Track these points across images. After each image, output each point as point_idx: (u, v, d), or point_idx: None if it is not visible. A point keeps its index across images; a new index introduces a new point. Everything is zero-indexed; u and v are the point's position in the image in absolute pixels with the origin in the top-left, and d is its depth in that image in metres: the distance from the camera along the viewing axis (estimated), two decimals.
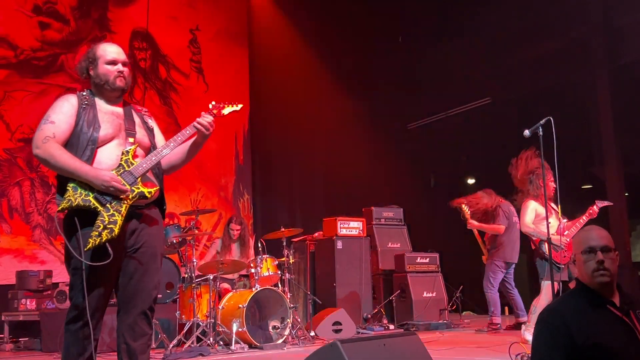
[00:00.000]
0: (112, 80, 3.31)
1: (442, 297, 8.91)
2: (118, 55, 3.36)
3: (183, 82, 11.08)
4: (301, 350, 6.36)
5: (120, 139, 3.29)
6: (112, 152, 3.24)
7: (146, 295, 3.26)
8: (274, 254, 7.36)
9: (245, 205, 11.58)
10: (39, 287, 7.83)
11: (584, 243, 2.65)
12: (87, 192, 3.12)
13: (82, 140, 3.18)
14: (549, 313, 2.61)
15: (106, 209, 3.11)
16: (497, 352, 5.39)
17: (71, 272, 3.15)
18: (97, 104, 3.32)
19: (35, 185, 8.93)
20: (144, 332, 3.26)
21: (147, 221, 3.30)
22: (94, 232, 3.06)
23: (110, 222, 3.09)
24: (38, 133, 3.15)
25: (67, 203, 3.11)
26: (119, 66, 3.33)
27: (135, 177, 3.21)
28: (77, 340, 3.12)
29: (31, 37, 9.24)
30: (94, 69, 3.33)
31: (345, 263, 8.42)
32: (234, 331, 6.38)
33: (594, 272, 2.59)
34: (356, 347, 2.87)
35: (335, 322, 7.32)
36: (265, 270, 6.99)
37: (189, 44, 11.33)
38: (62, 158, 3.11)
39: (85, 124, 3.21)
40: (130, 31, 10.41)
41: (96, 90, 3.37)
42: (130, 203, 3.18)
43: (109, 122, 3.28)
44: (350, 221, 8.69)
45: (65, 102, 3.26)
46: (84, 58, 3.39)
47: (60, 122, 3.18)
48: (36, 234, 8.88)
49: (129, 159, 3.24)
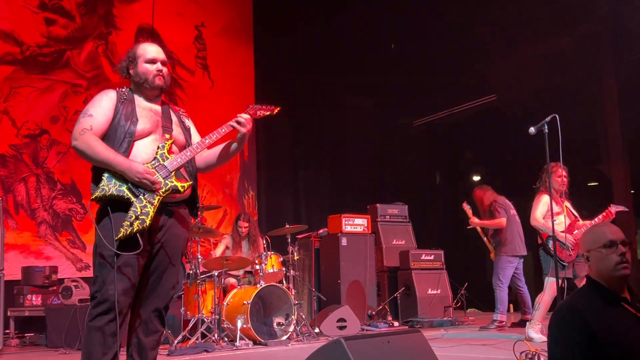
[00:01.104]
0: (151, 79, 3.37)
1: (447, 294, 8.91)
2: (157, 54, 3.43)
3: (188, 78, 11.08)
4: (305, 346, 6.36)
5: (157, 135, 3.33)
6: (148, 146, 3.28)
7: (164, 294, 3.29)
8: (279, 251, 7.37)
9: (250, 202, 11.58)
10: (44, 282, 7.86)
11: (602, 238, 2.63)
12: (121, 182, 3.15)
13: (119, 133, 3.22)
14: (567, 311, 2.58)
15: (139, 200, 3.14)
16: (502, 349, 5.38)
17: (98, 261, 3.13)
18: (136, 100, 3.37)
19: (40, 181, 8.94)
20: (157, 329, 3.29)
21: (177, 219, 3.32)
22: (125, 222, 3.08)
23: (143, 213, 3.12)
24: (77, 126, 3.19)
25: (101, 192, 3.13)
26: (158, 65, 3.39)
27: (170, 171, 3.24)
28: (102, 337, 3.06)
29: (37, 33, 9.25)
30: (134, 68, 3.39)
31: (349, 260, 8.42)
32: (238, 327, 6.39)
33: (617, 265, 2.56)
34: (360, 344, 2.87)
35: (339, 318, 7.32)
36: (269, 267, 7.01)
37: (194, 41, 11.32)
38: (97, 149, 3.13)
39: (123, 118, 3.25)
40: (135, 27, 10.41)
41: (136, 89, 3.42)
42: (163, 196, 3.20)
43: (146, 117, 3.33)
44: (355, 218, 8.69)
45: (104, 96, 3.31)
46: (125, 58, 3.47)
47: (97, 115, 3.22)
48: (42, 230, 8.90)
49: (165, 153, 3.27)
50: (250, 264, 7.18)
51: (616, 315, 2.52)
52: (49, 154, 9.08)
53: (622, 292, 2.62)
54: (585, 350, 2.44)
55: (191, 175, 3.43)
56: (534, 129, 4.71)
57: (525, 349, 4.02)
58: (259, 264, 6.97)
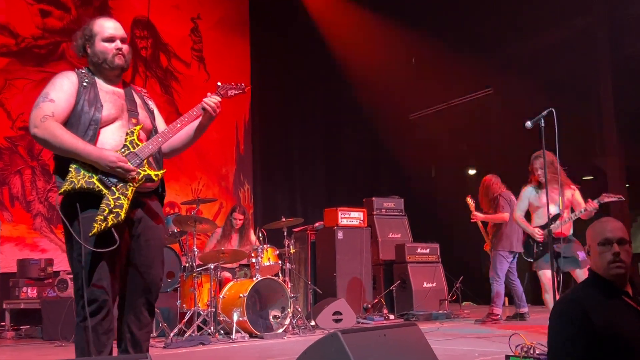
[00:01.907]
0: (110, 59, 3.15)
1: (442, 287, 8.93)
2: (116, 31, 3.19)
3: (184, 70, 11.05)
4: (301, 339, 6.37)
5: (122, 120, 3.13)
6: (116, 133, 3.09)
7: (153, 286, 3.19)
8: (275, 244, 7.38)
9: (246, 195, 11.57)
10: (40, 275, 7.85)
11: (600, 234, 2.65)
12: (91, 173, 2.95)
13: (83, 121, 3.01)
14: (567, 303, 2.61)
15: (111, 192, 2.95)
16: (497, 342, 5.40)
17: (76, 260, 2.95)
18: (98, 84, 3.15)
19: (36, 173, 8.92)
20: (148, 321, 3.21)
21: (151, 212, 3.18)
22: (99, 217, 2.88)
23: (116, 205, 2.92)
24: (36, 111, 2.96)
25: (70, 185, 2.92)
26: (117, 43, 3.16)
27: (142, 159, 3.06)
28: (96, 336, 2.93)
29: (32, 25, 9.21)
30: (91, 47, 3.17)
31: (345, 253, 8.43)
32: (234, 320, 6.40)
33: (610, 264, 2.58)
34: (357, 337, 2.87)
35: (335, 312, 7.33)
36: (266, 260, 7.01)
37: (190, 33, 11.28)
38: (64, 137, 2.92)
39: (87, 104, 3.04)
40: (131, 19, 10.37)
41: (95, 69, 3.20)
42: (137, 186, 3.02)
43: (111, 102, 3.12)
44: (351, 211, 8.70)
45: (65, 80, 3.10)
46: (80, 35, 3.22)
47: (59, 101, 3.00)
48: (37, 223, 8.88)
49: (134, 140, 3.08)
50: (246, 257, 7.18)
51: (616, 309, 2.53)
52: None
53: (624, 286, 2.64)
54: (585, 342, 2.46)
55: (158, 162, 3.24)
56: (531, 122, 4.71)
57: (521, 342, 4.03)
58: (255, 257, 6.97)
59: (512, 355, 4.05)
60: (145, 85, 10.33)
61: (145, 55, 10.51)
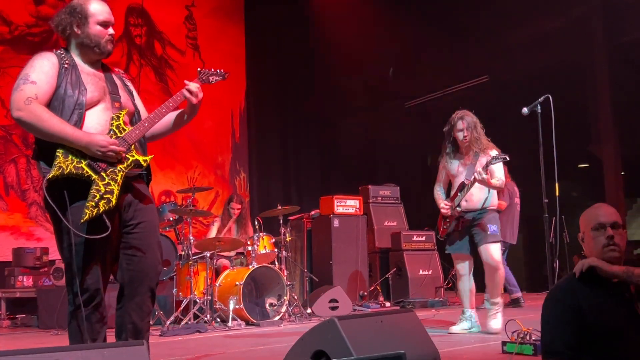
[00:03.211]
0: (103, 44, 3.07)
1: (438, 275, 8.96)
2: (110, 16, 3.13)
3: (179, 58, 11.00)
4: (298, 327, 6.38)
5: (105, 103, 3.04)
6: (100, 116, 3.00)
7: (152, 271, 3.08)
8: (271, 232, 7.38)
9: (242, 184, 11.56)
10: (35, 264, 7.84)
11: (593, 220, 2.64)
12: (79, 158, 2.85)
13: (67, 104, 2.91)
14: (559, 290, 2.61)
15: (101, 177, 2.87)
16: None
17: (66, 250, 2.88)
18: (79, 65, 3.05)
19: (31, 162, 8.88)
20: (150, 309, 3.12)
21: (140, 196, 3.10)
22: (89, 203, 2.80)
23: (107, 191, 2.85)
24: (17, 94, 2.86)
25: (58, 170, 2.81)
26: (110, 29, 3.10)
27: (129, 144, 2.99)
28: (90, 325, 2.89)
29: (26, 13, 9.15)
30: (82, 28, 3.05)
31: (341, 241, 8.44)
32: (231, 308, 6.41)
33: (604, 248, 2.57)
34: (353, 323, 2.88)
35: (331, 299, 7.34)
36: (262, 248, 7.02)
37: (184, 21, 11.23)
38: (51, 122, 2.81)
39: (70, 87, 2.93)
40: (125, 7, 10.31)
41: (80, 51, 3.09)
42: (126, 172, 2.95)
43: (93, 84, 3.03)
44: (347, 199, 8.69)
45: (45, 61, 2.97)
46: (68, 11, 3.10)
47: (42, 83, 2.89)
48: (32, 211, 8.86)
49: (121, 125, 3.00)
50: (242, 245, 7.18)
51: (607, 298, 2.53)
52: None
53: None
54: (576, 330, 2.46)
55: (142, 146, 3.16)
56: (527, 109, 4.71)
57: (517, 328, 4.05)
58: (251, 245, 6.98)
59: (509, 341, 4.06)
60: (139, 73, 10.29)
61: (139, 43, 10.45)
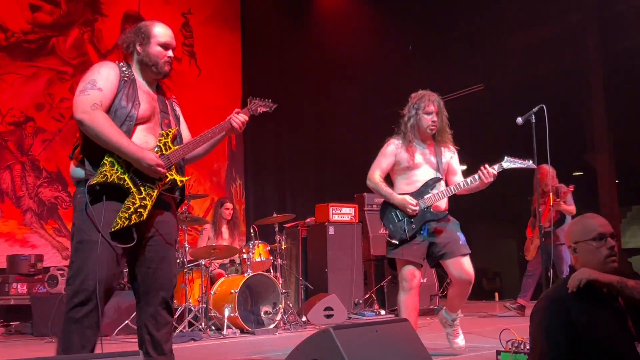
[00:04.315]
0: (161, 64, 3.23)
1: (433, 282, 8.95)
2: (172, 40, 3.29)
3: (175, 65, 10.81)
4: (293, 335, 6.38)
5: (153, 123, 3.20)
6: (147, 133, 3.14)
7: (167, 283, 3.17)
8: (266, 240, 7.38)
9: (238, 191, 11.56)
10: (30, 271, 7.82)
11: (592, 230, 2.61)
12: (124, 170, 3.00)
13: (119, 115, 3.05)
14: (550, 300, 2.59)
15: (139, 191, 3.02)
16: (488, 337, 5.43)
17: (78, 246, 2.96)
18: (137, 81, 3.21)
19: (26, 169, 8.88)
20: (167, 320, 3.17)
21: (164, 208, 3.20)
22: (123, 214, 2.96)
23: (141, 205, 3.00)
24: (84, 97, 2.98)
25: (102, 178, 2.96)
26: (169, 52, 3.26)
27: (172, 162, 3.14)
28: (81, 329, 2.91)
29: (22, 20, 9.14)
30: (144, 47, 3.21)
31: (337, 249, 8.44)
32: (225, 316, 6.40)
33: (607, 259, 2.56)
34: (349, 333, 2.88)
35: (326, 307, 7.34)
36: (257, 256, 7.02)
37: (181, 28, 11.24)
38: (112, 131, 2.96)
39: (125, 98, 3.08)
40: (122, 14, 10.32)
41: (140, 68, 3.25)
42: (163, 189, 3.10)
43: (147, 102, 3.18)
44: (342, 207, 8.70)
45: (111, 71, 3.13)
46: (133, 31, 3.26)
47: (106, 91, 3.04)
48: (27, 218, 8.84)
49: (168, 142, 3.17)
50: (237, 253, 7.18)
51: (599, 309, 2.52)
52: (34, 141, 9.01)
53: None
54: (569, 342, 2.45)
55: (181, 167, 3.32)
56: (522, 119, 4.73)
57: (512, 337, 4.05)
58: (246, 253, 6.98)
59: (503, 350, 4.07)
60: None
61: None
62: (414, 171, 4.48)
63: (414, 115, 4.64)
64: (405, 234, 4.33)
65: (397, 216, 4.41)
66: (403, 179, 4.53)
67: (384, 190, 4.47)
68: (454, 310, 4.65)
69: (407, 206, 4.33)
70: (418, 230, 4.35)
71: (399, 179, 4.56)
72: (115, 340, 6.24)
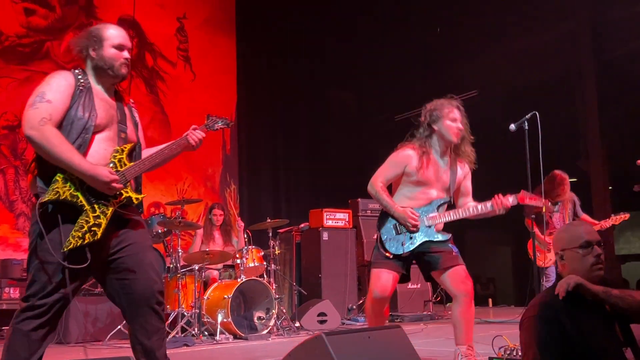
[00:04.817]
0: (117, 66, 3.10)
1: (427, 288, 8.97)
2: (125, 40, 3.15)
3: (170, 70, 11.00)
4: (286, 340, 6.37)
5: (111, 132, 3.08)
6: (103, 143, 3.03)
7: (148, 290, 3.02)
8: (260, 245, 7.37)
9: (232, 196, 11.55)
10: (22, 275, 7.77)
11: (579, 238, 2.62)
12: (77, 187, 2.89)
13: (76, 126, 2.93)
14: (541, 307, 2.59)
15: (93, 208, 2.90)
16: (480, 343, 5.42)
17: (36, 266, 2.88)
18: (93, 89, 3.07)
19: (19, 173, 8.85)
20: (156, 327, 3.05)
21: (125, 220, 3.07)
22: (76, 233, 2.85)
23: (95, 224, 2.88)
24: (33, 111, 2.86)
25: (55, 195, 2.85)
26: (125, 52, 3.13)
27: (127, 180, 3.02)
28: (27, 342, 2.86)
29: (16, 24, 9.13)
30: (97, 51, 3.08)
31: (330, 254, 8.44)
32: (219, 322, 6.39)
33: (593, 266, 2.57)
34: (341, 339, 2.88)
35: (320, 313, 7.34)
36: (250, 261, 7.01)
37: (176, 32, 11.24)
38: (62, 148, 2.84)
39: (81, 109, 2.96)
40: (116, 19, 10.31)
41: (95, 74, 3.12)
42: (117, 207, 2.98)
43: (104, 110, 3.05)
44: (336, 212, 8.71)
45: (63, 81, 3.00)
46: (85, 35, 3.12)
47: (57, 103, 2.91)
48: (20, 222, 8.81)
49: (123, 159, 3.04)
50: (231, 258, 7.17)
51: (588, 316, 2.53)
52: (28, 145, 8.94)
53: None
54: (561, 347, 2.46)
55: (137, 182, 3.18)
56: (515, 125, 4.75)
57: (504, 344, 4.06)
58: (239, 258, 6.97)
59: (495, 357, 4.07)
60: (130, 84, 10.28)
61: (130, 54, 10.46)
62: (422, 188, 4.14)
63: (437, 122, 4.22)
64: (402, 249, 4.04)
65: (397, 229, 4.11)
66: (408, 191, 4.19)
67: (385, 199, 4.14)
68: (467, 339, 4.02)
69: (407, 220, 4.01)
70: (416, 248, 4.05)
71: (403, 190, 4.22)
72: (107, 345, 6.21)
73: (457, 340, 4.03)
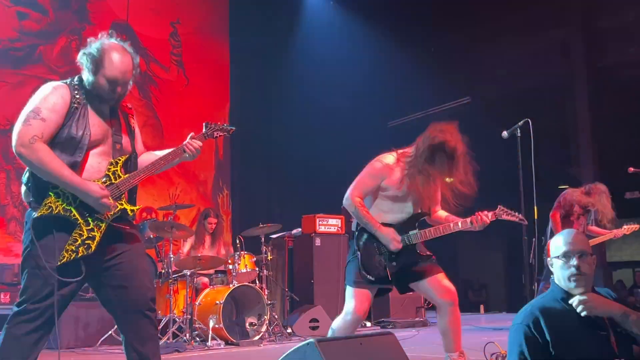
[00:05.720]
0: (105, 97, 3.04)
1: (419, 294, 8.95)
2: (123, 75, 3.04)
3: (163, 75, 11.00)
4: (278, 347, 6.36)
5: (105, 146, 3.07)
6: (97, 159, 3.03)
7: (141, 298, 3.03)
8: (252, 251, 7.35)
9: (225, 201, 11.54)
10: (13, 280, 7.74)
11: (560, 247, 2.63)
12: (70, 201, 2.91)
13: (71, 144, 2.93)
14: (526, 315, 2.59)
15: (86, 222, 2.92)
16: (472, 350, 5.43)
17: (29, 271, 2.90)
18: (89, 104, 3.04)
19: (11, 177, 8.81)
20: (150, 334, 3.06)
21: (119, 230, 3.07)
22: (69, 247, 2.87)
23: (89, 237, 2.90)
24: (25, 128, 2.84)
25: (47, 210, 2.88)
26: (117, 89, 3.03)
27: (122, 192, 3.02)
28: (20, 346, 2.87)
29: (9, 27, 9.11)
30: (90, 75, 3.01)
31: (323, 260, 8.43)
32: (210, 327, 6.37)
33: (570, 277, 2.58)
34: (333, 345, 2.87)
35: (312, 319, 7.33)
36: (243, 267, 6.99)
37: (169, 37, 11.24)
38: (52, 165, 2.85)
39: (75, 125, 2.95)
40: (110, 23, 10.30)
41: (90, 88, 3.04)
42: (111, 220, 2.98)
43: (98, 125, 3.03)
44: (329, 218, 8.71)
45: (59, 98, 2.94)
46: (88, 52, 3.04)
47: (50, 122, 2.89)
48: (11, 227, 8.77)
49: (117, 171, 3.04)
50: (222, 263, 7.15)
51: (574, 321, 2.53)
52: None
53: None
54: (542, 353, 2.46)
55: (132, 194, 3.18)
56: (507, 133, 4.77)
57: (496, 350, 4.06)
58: (231, 264, 6.95)
59: None
60: None
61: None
62: (400, 203, 3.95)
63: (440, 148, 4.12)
64: (385, 272, 3.82)
65: (378, 249, 3.86)
66: (385, 205, 3.97)
67: (366, 218, 3.86)
68: (455, 347, 3.90)
69: (391, 242, 3.80)
70: (398, 269, 3.84)
71: (381, 203, 3.99)
72: (98, 351, 6.18)
73: (448, 348, 3.92)
